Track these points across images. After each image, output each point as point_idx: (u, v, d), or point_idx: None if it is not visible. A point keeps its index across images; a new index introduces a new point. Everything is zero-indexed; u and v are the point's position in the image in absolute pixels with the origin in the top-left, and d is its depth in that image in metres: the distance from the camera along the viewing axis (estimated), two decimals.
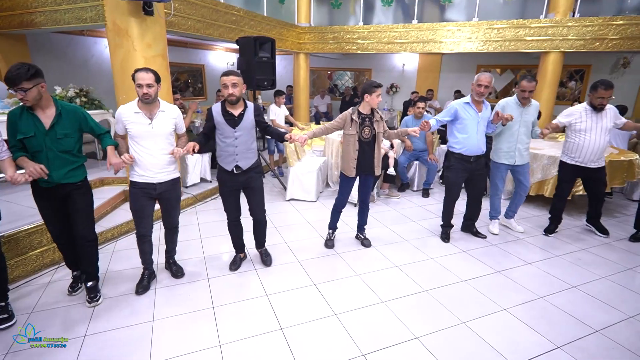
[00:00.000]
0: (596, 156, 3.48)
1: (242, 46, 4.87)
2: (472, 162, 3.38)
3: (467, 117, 3.31)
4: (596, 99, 3.34)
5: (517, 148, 3.55)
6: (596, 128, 3.42)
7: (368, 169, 3.24)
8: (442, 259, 3.36)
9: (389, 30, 6.91)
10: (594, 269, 3.25)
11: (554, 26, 5.99)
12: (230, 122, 2.64)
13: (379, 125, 3.16)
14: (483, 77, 3.18)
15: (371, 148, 3.18)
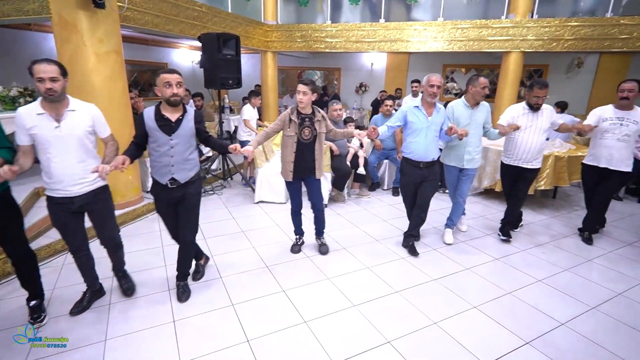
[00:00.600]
0: (531, 156, 3.42)
1: (205, 43, 4.67)
2: (423, 168, 3.19)
3: (416, 121, 3.11)
4: (532, 98, 3.31)
5: (467, 151, 3.40)
6: (532, 127, 3.37)
7: (307, 171, 3.06)
8: (413, 258, 3.34)
9: (357, 29, 6.89)
10: (557, 261, 3.34)
11: (515, 27, 6.18)
12: (166, 129, 2.29)
13: (320, 126, 2.98)
14: (434, 77, 3.02)
15: (311, 150, 2.99)
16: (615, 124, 3.39)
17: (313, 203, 3.28)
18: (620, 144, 3.39)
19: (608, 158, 3.45)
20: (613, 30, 5.83)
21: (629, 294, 2.85)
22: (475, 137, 3.40)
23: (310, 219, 3.50)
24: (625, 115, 3.36)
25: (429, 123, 3.10)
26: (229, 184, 5.52)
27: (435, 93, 3.03)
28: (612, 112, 3.42)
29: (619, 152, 3.41)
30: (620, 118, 3.38)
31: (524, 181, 3.56)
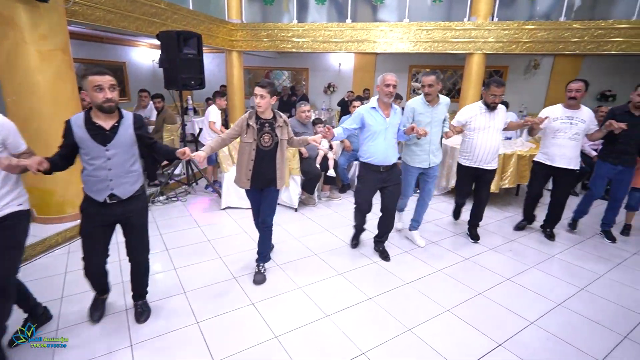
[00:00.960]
0: (490, 157, 3.41)
1: (164, 42, 4.41)
2: (383, 172, 3.06)
3: (374, 123, 2.96)
4: (489, 97, 3.29)
5: (431, 150, 3.32)
6: (489, 127, 3.36)
7: (266, 181, 2.77)
8: (385, 262, 3.30)
9: (324, 29, 6.83)
10: (523, 259, 3.42)
11: (476, 29, 6.35)
12: (99, 138, 1.99)
13: (282, 132, 2.74)
14: (389, 76, 2.89)
15: (272, 157, 2.73)
16: (565, 123, 3.45)
17: (262, 219, 2.89)
18: (572, 143, 3.46)
19: (561, 157, 3.50)
20: (566, 33, 6.12)
21: (590, 288, 2.95)
22: (438, 136, 3.35)
23: (284, 224, 3.37)
24: (574, 115, 3.44)
25: (387, 125, 2.98)
26: (194, 189, 5.27)
27: (391, 93, 2.89)
28: (562, 111, 3.49)
29: (570, 151, 3.48)
30: (569, 117, 3.45)
31: (485, 183, 3.57)
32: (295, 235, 3.85)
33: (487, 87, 3.33)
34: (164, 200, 4.80)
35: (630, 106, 3.47)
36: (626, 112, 3.48)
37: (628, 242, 3.87)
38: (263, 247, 2.97)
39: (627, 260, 3.47)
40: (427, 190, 3.53)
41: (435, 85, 3.16)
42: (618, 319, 2.58)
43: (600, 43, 6.05)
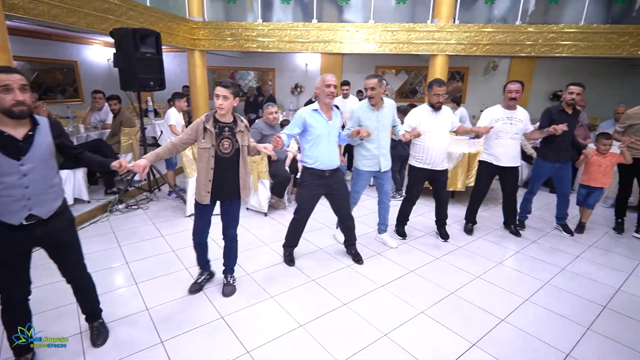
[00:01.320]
0: (441, 157, 3.46)
1: (119, 40, 4.13)
2: (328, 176, 3.00)
3: (317, 126, 2.87)
4: (433, 97, 3.33)
5: (380, 153, 3.28)
6: (437, 128, 3.39)
7: (229, 193, 2.53)
8: (359, 265, 3.26)
9: (290, 28, 6.72)
10: (491, 255, 3.50)
11: (439, 31, 6.50)
12: (10, 151, 1.68)
13: (243, 137, 2.49)
14: (329, 77, 2.83)
15: (233, 166, 2.48)
16: (506, 124, 3.57)
17: (226, 230, 2.70)
18: (513, 142, 3.61)
19: (506, 156, 3.63)
20: (522, 36, 6.41)
21: (554, 282, 3.06)
22: (387, 140, 3.32)
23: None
24: (512, 115, 3.57)
25: (329, 127, 2.92)
26: (156, 196, 4.98)
27: (333, 93, 2.83)
28: (502, 112, 3.60)
29: (513, 150, 3.64)
30: (509, 117, 3.57)
31: (441, 183, 3.63)
32: (266, 241, 3.73)
33: (429, 88, 3.38)
34: (123, 208, 4.50)
35: (564, 105, 3.64)
36: (561, 110, 3.65)
37: (584, 235, 4.07)
38: (230, 259, 2.80)
39: (585, 252, 3.65)
40: (385, 192, 3.52)
41: (378, 88, 3.11)
42: (581, 310, 2.68)
43: (553, 46, 6.38)
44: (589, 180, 3.92)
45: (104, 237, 3.78)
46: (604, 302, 2.77)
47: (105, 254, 3.41)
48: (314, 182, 3.00)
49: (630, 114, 3.88)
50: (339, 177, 3.10)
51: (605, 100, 8.30)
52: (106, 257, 3.33)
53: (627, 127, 3.90)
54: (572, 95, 3.53)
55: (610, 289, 2.98)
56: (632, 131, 3.84)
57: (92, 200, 4.50)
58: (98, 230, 3.96)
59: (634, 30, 6.12)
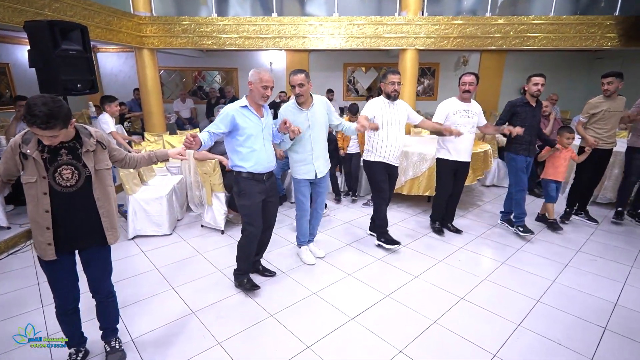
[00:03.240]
0: (397, 151, 3.32)
1: (33, 34, 3.45)
2: (265, 181, 2.63)
3: (249, 125, 2.47)
4: (388, 86, 3.16)
5: (316, 157, 2.92)
6: (394, 121, 3.25)
7: (86, 239, 1.83)
8: (266, 277, 2.84)
9: (248, 23, 6.16)
10: (433, 253, 3.40)
11: (408, 24, 6.15)
12: None
13: (96, 158, 1.79)
14: (267, 76, 2.45)
15: (86, 202, 1.77)
16: (464, 117, 3.45)
17: (94, 286, 1.98)
18: (471, 136, 3.52)
19: (465, 150, 3.52)
20: (492, 29, 6.16)
21: (491, 277, 2.71)
22: (322, 142, 2.97)
23: None
24: (468, 107, 3.47)
25: (263, 125, 2.57)
26: None
27: (268, 96, 2.49)
28: (459, 104, 3.47)
29: (470, 144, 3.55)
30: (466, 110, 3.46)
31: (392, 179, 3.45)
32: (221, 265, 3.19)
33: (384, 78, 3.22)
34: None
35: (528, 97, 3.51)
36: (525, 103, 3.51)
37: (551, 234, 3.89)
38: (108, 318, 2.09)
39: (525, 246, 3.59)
40: (320, 202, 3.22)
41: (306, 84, 2.77)
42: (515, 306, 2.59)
43: (524, 38, 6.17)
44: (556, 175, 3.84)
45: (22, 273, 3.12)
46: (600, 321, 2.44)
47: (18, 295, 2.77)
48: (253, 189, 2.58)
49: (593, 104, 3.87)
50: (273, 182, 2.77)
51: (573, 93, 8.26)
52: (18, 301, 2.69)
53: (589, 117, 3.89)
54: (538, 86, 3.42)
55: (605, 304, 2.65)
56: (594, 120, 3.86)
57: (13, 226, 3.80)
58: (17, 263, 3.29)
59: (603, 21, 6.00)
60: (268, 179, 2.66)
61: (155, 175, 4.49)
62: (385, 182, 3.36)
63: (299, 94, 2.77)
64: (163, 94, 9.88)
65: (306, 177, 2.97)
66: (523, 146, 3.57)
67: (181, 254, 3.44)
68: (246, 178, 2.56)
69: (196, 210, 4.49)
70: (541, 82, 3.41)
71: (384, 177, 3.35)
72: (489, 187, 5.57)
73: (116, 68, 9.42)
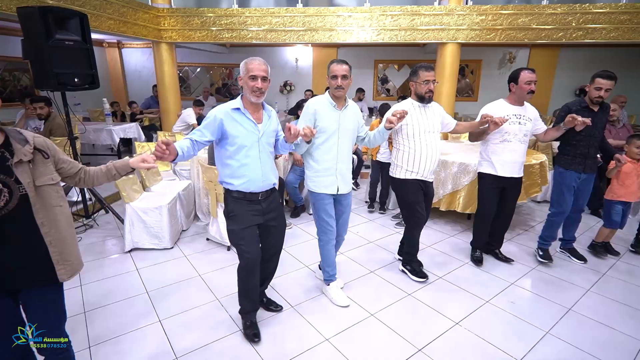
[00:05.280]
0: (433, 165, 2.70)
1: (25, 22, 3.10)
2: (262, 201, 2.10)
3: (241, 133, 1.96)
4: (421, 85, 2.56)
5: (340, 170, 2.40)
6: (428, 128, 2.64)
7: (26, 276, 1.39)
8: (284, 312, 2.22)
9: (270, 14, 5.67)
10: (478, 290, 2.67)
11: (449, 14, 5.43)
12: None
13: (36, 172, 1.38)
14: (256, 62, 1.93)
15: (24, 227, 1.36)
16: (514, 123, 2.81)
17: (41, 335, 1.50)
18: (523, 147, 2.86)
19: (514, 165, 2.87)
20: (549, 19, 5.32)
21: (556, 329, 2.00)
22: (347, 152, 2.45)
23: None
24: (521, 112, 2.83)
25: (260, 133, 2.02)
26: (96, 222, 3.97)
27: (261, 89, 1.94)
28: (508, 108, 2.83)
29: (521, 157, 2.89)
30: (517, 115, 2.81)
31: (428, 199, 2.83)
32: (220, 292, 2.70)
33: (414, 76, 2.62)
34: None
35: (588, 101, 2.84)
36: (584, 107, 2.83)
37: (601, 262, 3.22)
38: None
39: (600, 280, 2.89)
40: (342, 223, 2.62)
41: (349, 78, 2.32)
42: None
43: (587, 30, 5.28)
44: (626, 194, 3.11)
45: None
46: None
47: None
48: (243, 210, 2.08)
49: None
50: (275, 201, 2.23)
51: (636, 96, 7.17)
52: None
53: None
54: (600, 91, 2.73)
55: None
56: None
57: None
58: None
59: None
60: (266, 198, 2.13)
61: (161, 180, 4.09)
62: (421, 203, 2.74)
63: (340, 87, 2.27)
64: (187, 90, 9.69)
65: (326, 192, 2.43)
66: (577, 159, 2.88)
67: (179, 274, 3.00)
68: (236, 198, 2.06)
69: (204, 219, 4.05)
70: (606, 86, 2.70)
71: (419, 197, 2.74)
72: (540, 204, 4.77)
73: (140, 64, 9.26)
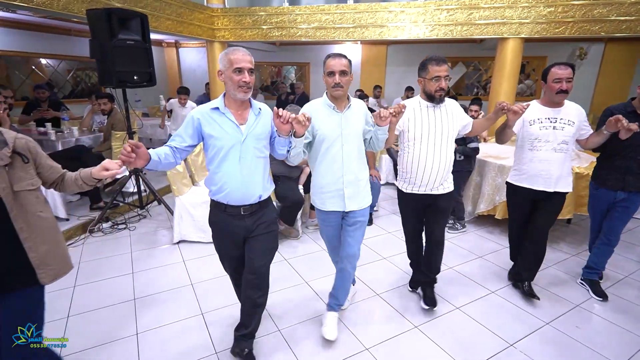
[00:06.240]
0: (442, 176, 2.23)
1: (93, 23, 3.32)
2: (246, 216, 1.80)
3: (220, 134, 1.72)
4: (431, 83, 2.10)
5: (345, 182, 2.01)
6: (438, 131, 2.18)
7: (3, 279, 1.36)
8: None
9: (320, 12, 5.63)
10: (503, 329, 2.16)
11: (511, 7, 5.02)
12: None
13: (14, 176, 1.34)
14: (240, 54, 1.67)
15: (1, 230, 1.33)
16: (547, 128, 2.34)
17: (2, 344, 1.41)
18: (559, 156, 2.34)
19: (545, 177, 2.38)
20: (632, 9, 4.72)
21: None
22: (355, 157, 2.03)
23: None
24: (556, 115, 2.33)
25: (243, 135, 1.74)
26: (149, 214, 4.18)
27: (248, 83, 1.67)
28: (540, 110, 2.36)
29: (557, 167, 2.36)
30: (552, 119, 2.33)
31: (439, 215, 2.34)
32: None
33: (423, 70, 2.15)
34: (108, 228, 3.74)
35: (637, 104, 2.37)
36: (631, 112, 2.36)
37: None
38: None
39: None
40: (347, 247, 2.12)
41: (349, 74, 1.95)
42: None
43: None
44: None
45: None
46: None
47: (49, 299, 2.59)
48: (224, 223, 1.83)
49: None
50: (267, 216, 1.88)
51: None
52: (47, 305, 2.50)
53: None
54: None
55: None
56: None
57: (72, 217, 3.80)
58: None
59: None
60: (251, 214, 1.81)
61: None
62: (417, 225, 2.43)
63: (338, 85, 1.88)
64: None
65: (332, 209, 2.05)
66: (614, 174, 2.42)
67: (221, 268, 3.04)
68: (217, 209, 1.82)
69: None
70: None
71: (415, 217, 2.40)
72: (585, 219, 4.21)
73: (195, 63, 9.69)
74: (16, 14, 4.97)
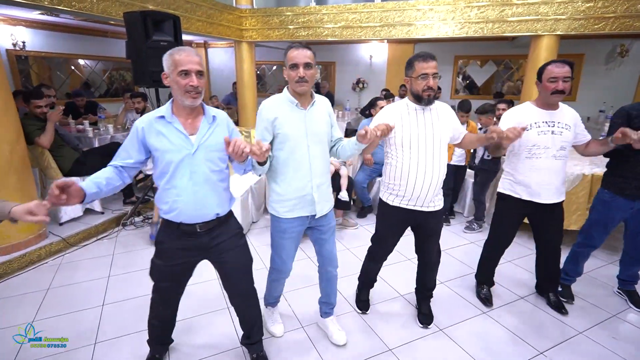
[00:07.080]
0: (432, 190, 1.99)
1: (129, 26, 3.47)
2: (202, 233, 1.63)
3: (166, 147, 1.53)
4: (418, 82, 1.90)
5: (315, 186, 1.83)
6: (427, 137, 1.95)
7: None
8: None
9: (347, 11, 5.62)
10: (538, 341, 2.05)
11: (546, 3, 4.83)
12: None
13: None
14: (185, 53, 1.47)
15: None
16: (545, 133, 2.13)
17: None
18: (559, 163, 2.17)
19: (545, 186, 2.19)
20: None
21: None
22: (322, 162, 1.86)
23: None
24: (553, 118, 2.14)
25: (193, 147, 1.54)
26: None
27: (197, 87, 1.48)
28: (537, 114, 2.16)
29: (557, 176, 2.19)
30: (549, 122, 2.13)
31: (431, 234, 2.16)
32: (286, 288, 2.72)
33: (409, 68, 1.95)
34: (139, 222, 3.91)
35: None
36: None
37: None
38: None
39: None
40: (327, 254, 2.03)
41: (314, 68, 1.73)
42: None
43: None
44: None
45: (99, 262, 3.16)
46: None
47: (86, 288, 2.75)
48: (172, 243, 1.64)
49: None
50: (228, 234, 1.70)
51: None
52: (84, 294, 2.66)
53: None
54: None
55: None
56: None
57: (107, 211, 3.99)
58: (99, 251, 3.38)
59: None
60: (208, 231, 1.63)
61: (233, 174, 4.29)
62: (393, 245, 2.25)
63: (302, 79, 1.69)
64: (264, 87, 10.14)
65: (297, 215, 1.85)
66: (633, 182, 2.21)
67: None
68: (169, 227, 1.63)
69: None
70: None
71: (396, 236, 2.21)
72: None
73: (222, 63, 9.91)
74: (59, 17, 5.26)
